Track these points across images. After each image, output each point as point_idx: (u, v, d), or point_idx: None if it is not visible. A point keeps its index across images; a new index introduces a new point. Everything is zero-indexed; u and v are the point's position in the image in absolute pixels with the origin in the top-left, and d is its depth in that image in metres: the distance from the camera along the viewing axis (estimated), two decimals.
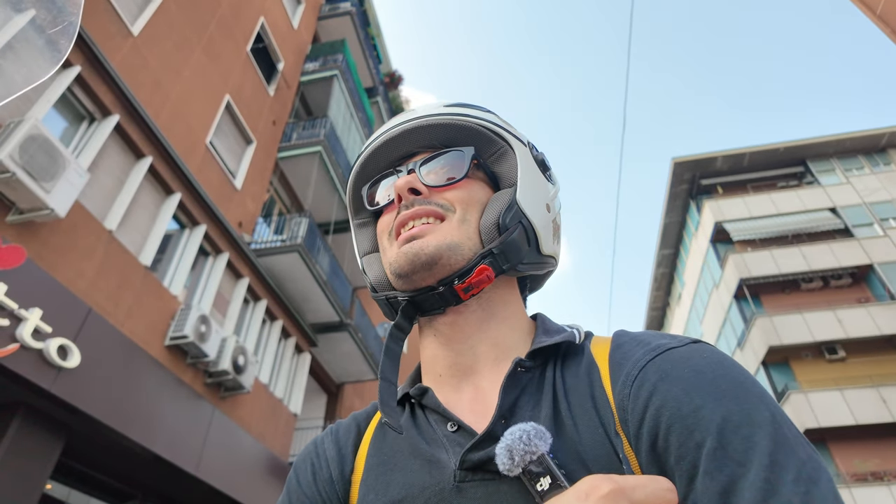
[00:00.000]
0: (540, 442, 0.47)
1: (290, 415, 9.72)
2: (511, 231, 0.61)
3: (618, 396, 0.51)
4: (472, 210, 0.63)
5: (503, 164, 0.66)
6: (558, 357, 0.59)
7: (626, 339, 0.56)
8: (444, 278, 0.60)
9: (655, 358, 0.50)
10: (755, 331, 17.44)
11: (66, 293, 5.35)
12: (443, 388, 0.63)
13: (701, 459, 0.42)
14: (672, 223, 24.01)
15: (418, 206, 0.62)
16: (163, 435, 6.28)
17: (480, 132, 0.65)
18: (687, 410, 0.44)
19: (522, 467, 0.47)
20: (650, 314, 28.61)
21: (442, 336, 0.63)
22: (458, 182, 0.64)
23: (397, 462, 0.58)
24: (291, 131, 11.48)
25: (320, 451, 0.66)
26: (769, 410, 0.44)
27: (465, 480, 0.51)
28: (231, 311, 8.52)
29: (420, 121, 0.65)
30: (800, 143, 21.04)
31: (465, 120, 0.66)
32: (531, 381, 0.58)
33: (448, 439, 0.56)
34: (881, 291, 17.52)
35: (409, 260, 0.59)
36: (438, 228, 0.61)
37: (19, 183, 4.91)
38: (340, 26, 14.53)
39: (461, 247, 0.60)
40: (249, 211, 9.53)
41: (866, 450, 14.77)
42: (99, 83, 6.30)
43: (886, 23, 4.95)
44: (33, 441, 5.15)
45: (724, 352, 0.51)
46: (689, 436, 0.43)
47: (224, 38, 9.37)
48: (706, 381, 0.46)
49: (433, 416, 0.60)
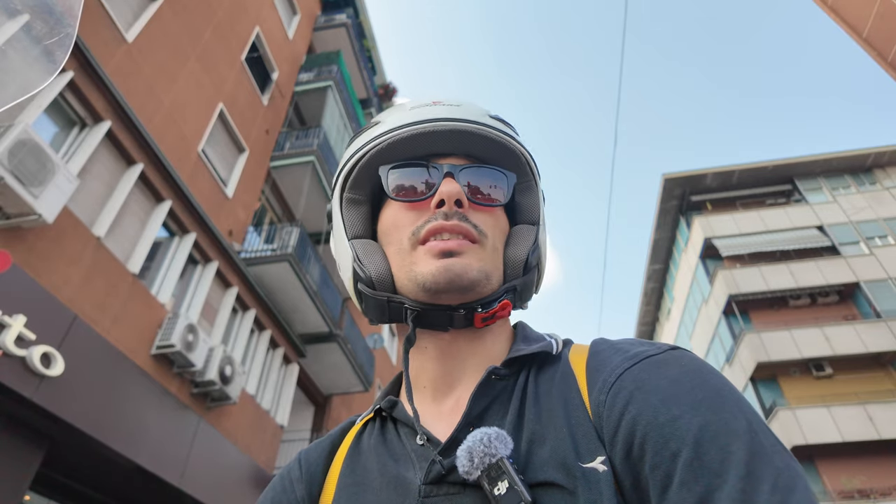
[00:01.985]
0: (500, 445, 0.47)
1: (276, 427, 9.60)
2: (532, 272, 0.64)
3: (594, 402, 0.50)
4: (500, 239, 0.63)
5: (527, 197, 0.67)
6: (534, 365, 0.59)
7: (604, 347, 0.56)
8: (468, 302, 0.58)
9: (633, 366, 0.50)
10: (744, 347, 17.55)
11: (52, 300, 5.27)
12: (424, 400, 0.62)
13: (676, 470, 0.41)
14: (662, 239, 24.20)
15: (458, 220, 0.58)
16: (147, 446, 6.17)
17: (520, 160, 0.65)
18: (663, 419, 0.44)
19: (482, 470, 0.47)
20: (640, 329, 28.71)
21: (435, 350, 0.62)
22: (493, 207, 0.63)
23: (370, 482, 0.57)
24: (284, 140, 11.47)
25: (288, 472, 0.66)
26: (746, 419, 0.43)
27: (430, 496, 0.51)
28: (219, 320, 8.44)
29: (472, 126, 0.62)
30: (788, 161, 21.35)
31: (512, 142, 0.64)
32: (504, 390, 0.57)
33: (416, 454, 0.56)
34: (867, 309, 17.72)
35: (449, 279, 0.56)
36: (474, 251, 0.58)
37: (7, 188, 4.85)
38: (336, 37, 14.61)
39: (492, 276, 0.59)
40: (240, 219, 9.49)
41: (853, 467, 14.83)
42: (91, 89, 6.27)
43: (872, 46, 5.06)
44: (12, 451, 5.03)
45: (701, 358, 0.51)
46: (664, 445, 0.43)
47: (219, 46, 9.38)
48: (683, 390, 0.46)
49: (404, 429, 0.60)
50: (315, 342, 10.85)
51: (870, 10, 4.84)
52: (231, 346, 8.68)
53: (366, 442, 0.63)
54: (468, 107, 0.65)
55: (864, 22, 4.98)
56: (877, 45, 4.98)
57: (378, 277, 0.60)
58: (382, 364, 15.45)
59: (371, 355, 12.97)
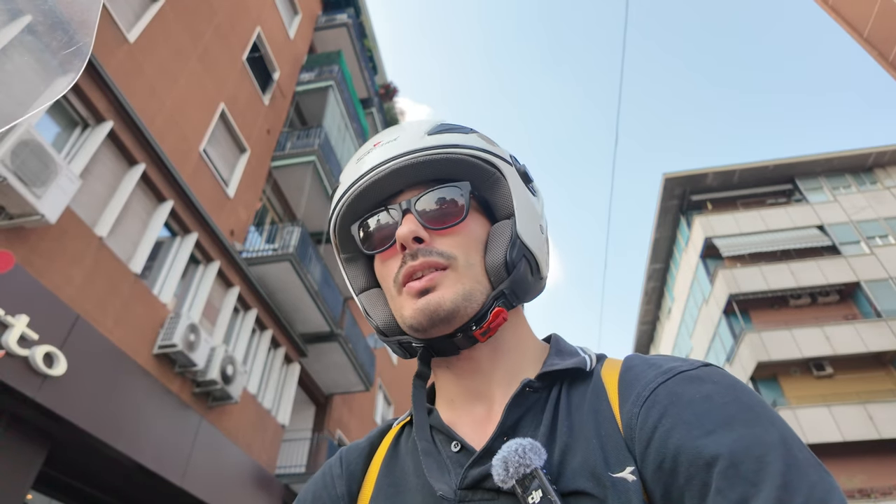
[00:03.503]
0: (534, 456, 0.49)
1: (277, 426, 9.62)
2: (519, 268, 0.61)
3: (625, 416, 0.51)
4: (474, 251, 0.62)
5: (496, 193, 0.65)
6: (566, 379, 0.60)
7: (637, 362, 0.57)
8: (461, 326, 0.60)
9: (667, 381, 0.51)
10: (744, 346, 17.54)
11: (54, 300, 5.29)
12: (455, 411, 0.64)
13: (712, 479, 0.42)
14: (662, 238, 24.19)
15: (423, 256, 0.60)
16: (148, 445, 6.18)
17: (473, 164, 0.63)
18: (697, 433, 0.45)
19: (516, 479, 0.48)
20: (640, 328, 28.69)
21: (456, 370, 0.64)
22: (460, 224, 0.62)
23: (406, 484, 0.59)
24: (285, 140, 11.48)
25: (329, 469, 0.69)
26: (780, 433, 0.45)
27: (465, 500, 0.53)
28: (221, 319, 8.45)
29: (407, 159, 0.62)
30: (789, 161, 21.33)
31: (451, 153, 0.63)
32: (537, 402, 0.59)
33: (451, 460, 0.58)
34: (868, 309, 17.71)
35: (428, 317, 0.58)
36: (447, 278, 0.59)
37: (10, 188, 4.87)
38: (337, 37, 14.61)
39: (474, 293, 0.59)
40: (242, 219, 9.50)
41: (853, 466, 14.82)
42: (93, 89, 6.28)
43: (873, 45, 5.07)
44: (15, 450, 5.05)
45: (735, 376, 0.52)
46: (699, 456, 0.44)
47: (220, 46, 9.39)
48: (717, 405, 0.47)
49: (439, 436, 0.62)
50: (316, 342, 10.86)
51: (870, 10, 4.85)
52: (232, 345, 8.69)
53: (403, 446, 0.65)
54: (405, 136, 0.64)
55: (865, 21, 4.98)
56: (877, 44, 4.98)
57: (384, 325, 0.65)
58: (383, 363, 15.46)
59: (372, 355, 12.98)
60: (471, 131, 0.67)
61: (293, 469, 10.08)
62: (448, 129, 0.66)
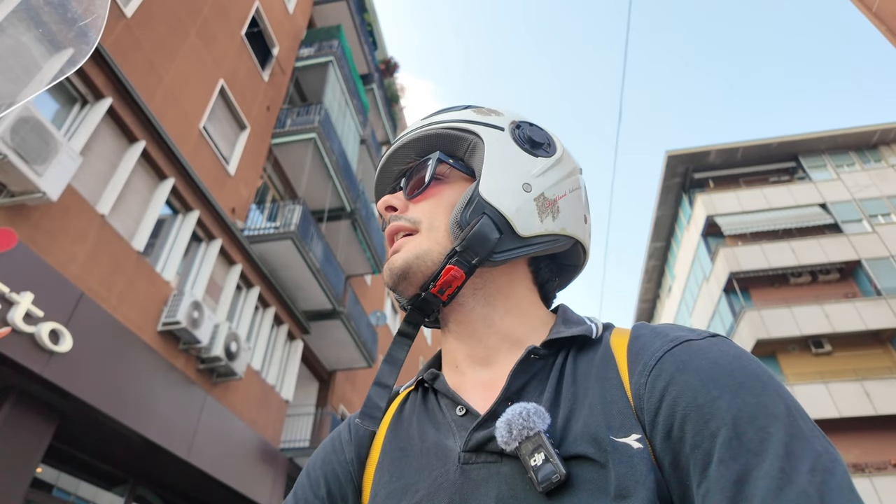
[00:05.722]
0: (538, 420, 0.50)
1: (281, 401, 9.75)
2: (472, 225, 0.60)
3: (634, 385, 0.52)
4: (439, 215, 0.65)
5: (475, 158, 0.65)
6: (573, 347, 0.61)
7: (645, 331, 0.57)
8: (422, 284, 0.63)
9: (674, 349, 0.52)
10: (743, 324, 17.65)
11: (58, 277, 5.32)
12: (460, 376, 0.65)
13: (716, 448, 0.43)
14: (664, 216, 24.14)
15: (393, 223, 0.67)
16: (154, 420, 6.28)
17: (447, 135, 0.67)
18: (703, 400, 0.46)
19: (519, 441, 0.49)
20: (640, 306, 28.83)
21: (453, 332, 0.67)
22: (426, 190, 0.67)
23: (412, 447, 0.61)
24: (286, 117, 11.38)
25: (338, 434, 0.71)
26: (784, 404, 0.45)
27: (469, 462, 0.54)
28: (224, 297, 8.50)
29: (398, 144, 0.71)
30: (792, 138, 21.16)
31: (431, 128, 0.68)
32: (543, 369, 0.59)
33: (456, 423, 0.59)
34: (868, 287, 17.76)
35: (389, 274, 0.65)
36: (411, 241, 0.65)
37: (10, 166, 4.85)
38: (336, 12, 14.37)
39: (429, 253, 0.63)
40: (243, 197, 9.48)
41: (848, 442, 15.04)
42: (91, 65, 6.21)
43: (882, 20, 4.98)
44: (24, 425, 5.14)
45: (741, 346, 0.52)
46: (704, 425, 0.44)
47: (218, 21, 9.25)
48: (723, 372, 0.47)
49: (444, 400, 0.63)
50: (319, 319, 10.94)
51: None
52: (236, 322, 8.76)
53: (408, 410, 0.67)
54: (409, 130, 0.72)
55: None
56: (887, 19, 4.89)
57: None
58: (385, 340, 15.59)
59: (374, 332, 13.08)
60: (465, 108, 0.70)
61: (297, 443, 10.25)
62: (441, 111, 0.72)
